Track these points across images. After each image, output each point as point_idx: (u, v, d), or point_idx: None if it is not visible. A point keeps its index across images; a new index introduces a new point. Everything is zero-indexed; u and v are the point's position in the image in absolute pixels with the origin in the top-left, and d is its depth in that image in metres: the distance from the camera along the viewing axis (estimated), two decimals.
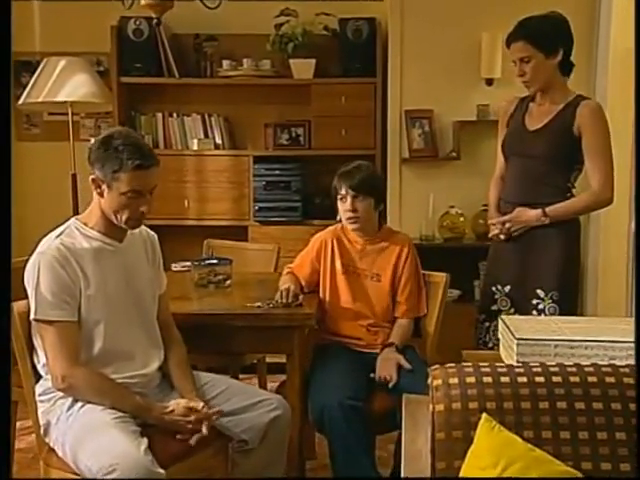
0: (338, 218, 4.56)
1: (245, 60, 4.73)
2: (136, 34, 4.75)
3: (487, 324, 3.27)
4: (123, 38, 4.76)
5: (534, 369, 1.82)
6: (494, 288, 3.23)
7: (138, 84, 4.81)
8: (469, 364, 1.88)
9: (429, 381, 1.86)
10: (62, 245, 2.32)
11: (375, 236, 3.10)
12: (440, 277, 3.08)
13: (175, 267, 3.76)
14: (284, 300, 2.85)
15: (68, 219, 2.52)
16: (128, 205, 2.37)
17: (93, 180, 2.38)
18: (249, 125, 4.98)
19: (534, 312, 3.11)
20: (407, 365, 2.84)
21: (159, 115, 4.90)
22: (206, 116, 4.88)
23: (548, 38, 3.04)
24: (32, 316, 2.30)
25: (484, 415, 1.73)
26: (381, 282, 3.06)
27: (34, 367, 2.42)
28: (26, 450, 3.60)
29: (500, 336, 2.24)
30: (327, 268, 3.10)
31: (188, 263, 3.81)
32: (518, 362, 1.97)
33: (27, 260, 2.39)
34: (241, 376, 3.62)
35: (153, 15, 3.20)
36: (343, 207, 3.06)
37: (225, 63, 4.76)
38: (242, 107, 4.94)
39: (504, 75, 4.41)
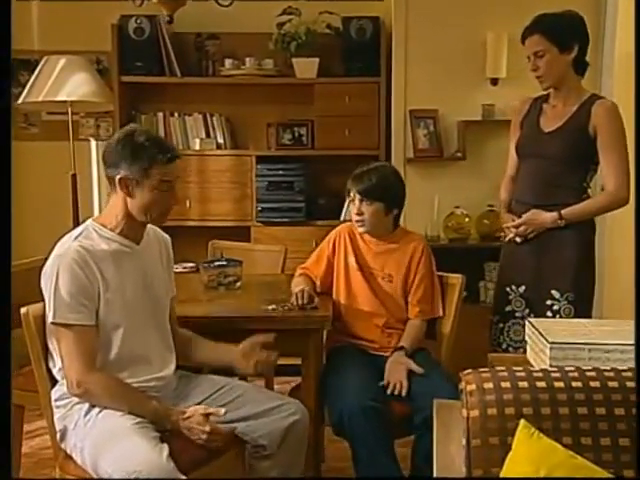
0: (342, 218, 4.61)
1: (248, 59, 4.68)
2: (137, 33, 4.69)
3: (501, 325, 3.25)
4: (124, 37, 4.70)
5: (570, 374, 1.79)
6: (508, 289, 3.21)
7: (139, 83, 4.75)
8: (502, 368, 1.84)
9: (462, 386, 1.83)
10: (81, 247, 2.27)
11: (387, 238, 3.06)
12: (456, 279, 3.05)
13: (177, 268, 3.70)
14: (300, 302, 2.81)
15: (84, 221, 2.45)
16: (160, 200, 2.36)
17: (120, 180, 2.31)
18: (251, 125, 4.93)
19: (549, 313, 3.10)
20: (418, 369, 2.79)
21: (160, 115, 4.85)
22: (208, 115, 4.83)
23: (563, 33, 3.04)
24: (50, 319, 2.24)
25: (522, 421, 1.70)
26: (393, 283, 3.03)
27: (49, 372, 2.37)
28: (29, 455, 3.55)
29: (527, 339, 2.21)
30: (341, 264, 3.06)
31: (190, 264, 3.77)
32: (551, 366, 1.93)
33: (40, 263, 2.33)
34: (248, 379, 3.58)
35: (165, 12, 3.14)
36: (352, 209, 3.02)
37: (227, 62, 4.71)
38: (244, 106, 4.89)
39: (509, 75, 4.40)
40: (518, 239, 3.13)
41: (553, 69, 3.05)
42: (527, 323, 2.22)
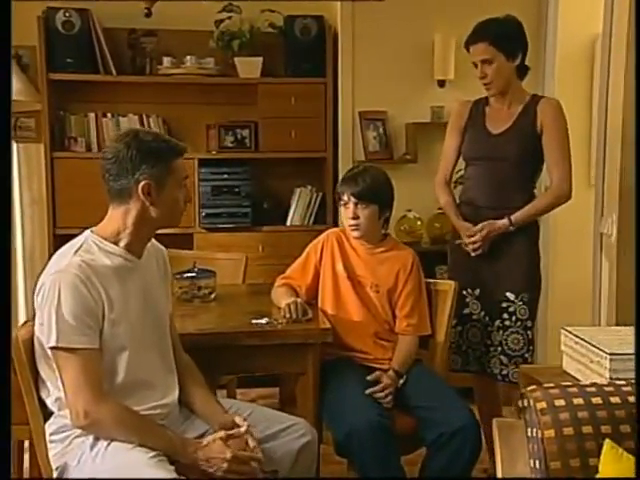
0: (288, 223, 4.46)
1: (188, 57, 4.43)
2: (66, 27, 4.34)
3: (459, 328, 3.26)
4: (51, 31, 4.34)
5: None
6: (465, 292, 3.22)
7: (67, 81, 4.41)
8: (569, 383, 1.77)
9: (527, 403, 1.74)
10: (83, 262, 2.03)
11: (378, 245, 2.95)
12: (448, 285, 2.99)
13: None
14: (294, 315, 2.66)
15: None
16: (182, 197, 2.21)
17: (143, 187, 2.10)
18: (189, 126, 4.64)
19: (505, 315, 3.14)
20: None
21: (91, 115, 4.51)
22: (144, 117, 4.54)
23: (510, 40, 3.10)
24: (51, 343, 1.99)
25: (607, 441, 1.62)
26: (379, 293, 2.92)
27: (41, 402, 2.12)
28: None
29: (565, 349, 2.14)
30: (328, 272, 2.93)
31: None
32: (612, 379, 1.87)
33: None
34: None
35: (144, 5, 2.90)
36: (345, 213, 2.90)
37: (165, 60, 4.44)
38: (182, 107, 4.62)
39: (457, 77, 4.37)
40: (473, 253, 3.14)
41: (501, 76, 3.10)
42: (564, 332, 2.16)
